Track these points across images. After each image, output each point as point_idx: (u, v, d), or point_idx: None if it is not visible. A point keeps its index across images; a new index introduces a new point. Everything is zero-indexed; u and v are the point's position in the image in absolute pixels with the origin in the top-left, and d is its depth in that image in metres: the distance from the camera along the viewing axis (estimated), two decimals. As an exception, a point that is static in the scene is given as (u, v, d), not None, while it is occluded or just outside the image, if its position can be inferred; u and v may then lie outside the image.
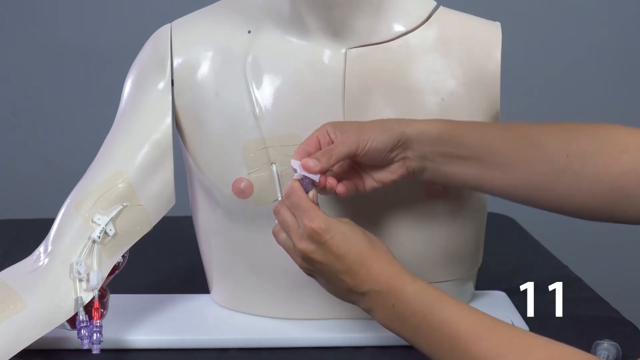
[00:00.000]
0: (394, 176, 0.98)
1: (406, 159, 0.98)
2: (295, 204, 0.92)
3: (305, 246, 0.91)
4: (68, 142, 2.37)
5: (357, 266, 0.90)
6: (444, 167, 0.98)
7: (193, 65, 1.06)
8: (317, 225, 0.90)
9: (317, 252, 0.90)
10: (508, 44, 1.09)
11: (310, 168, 0.93)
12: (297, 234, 0.91)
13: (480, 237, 1.13)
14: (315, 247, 0.90)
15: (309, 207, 0.91)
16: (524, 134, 0.97)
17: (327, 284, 0.93)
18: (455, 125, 0.98)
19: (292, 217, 0.92)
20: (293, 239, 0.92)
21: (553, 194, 0.95)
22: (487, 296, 1.17)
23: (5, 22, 2.34)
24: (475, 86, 1.05)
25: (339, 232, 0.90)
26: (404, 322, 0.89)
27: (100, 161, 1.05)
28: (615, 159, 0.93)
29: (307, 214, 0.91)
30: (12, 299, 0.98)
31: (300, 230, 0.91)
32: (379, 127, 0.96)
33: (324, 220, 0.90)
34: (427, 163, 0.98)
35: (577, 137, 0.95)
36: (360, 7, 1.02)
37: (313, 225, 0.90)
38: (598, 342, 1.02)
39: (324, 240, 0.90)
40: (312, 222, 0.90)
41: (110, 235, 1.02)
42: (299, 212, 0.91)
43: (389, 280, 0.89)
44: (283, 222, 0.93)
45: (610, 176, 0.93)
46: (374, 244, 0.92)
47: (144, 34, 1.12)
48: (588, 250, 2.27)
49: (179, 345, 1.05)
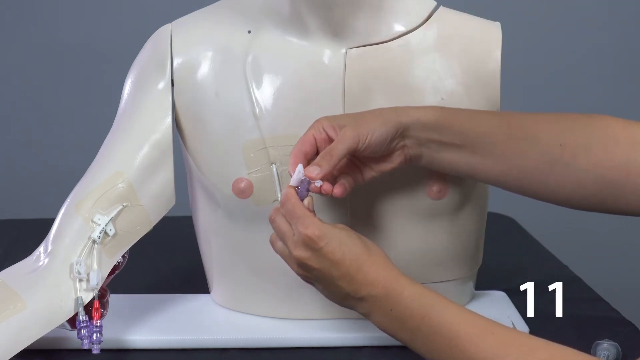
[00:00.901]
0: (392, 164, 0.98)
1: (405, 147, 0.98)
2: (290, 212, 0.92)
3: (300, 253, 0.90)
4: (68, 142, 2.37)
5: (354, 271, 0.90)
6: (438, 154, 0.98)
7: (193, 65, 1.06)
8: (312, 232, 0.90)
9: (312, 259, 0.90)
10: (508, 44, 1.09)
11: (314, 177, 0.93)
12: (293, 241, 0.91)
13: (480, 237, 1.13)
14: (311, 254, 0.90)
15: (304, 214, 0.91)
16: (518, 123, 0.97)
17: (324, 290, 0.93)
18: (450, 112, 0.98)
19: (287, 225, 0.92)
20: (289, 246, 0.92)
21: (545, 184, 0.96)
22: (487, 296, 1.17)
23: (5, 22, 2.34)
24: (475, 86, 1.05)
25: (334, 238, 0.90)
26: (402, 325, 0.89)
27: (100, 161, 1.05)
28: (607, 153, 0.93)
29: (301, 221, 0.90)
30: (12, 299, 0.98)
31: (295, 237, 0.91)
32: (377, 119, 0.96)
33: (318, 227, 0.90)
34: (423, 150, 0.98)
35: (571, 127, 0.96)
36: (360, 7, 1.02)
37: (308, 232, 0.90)
38: (598, 342, 1.02)
39: (319, 247, 0.90)
40: (307, 229, 0.90)
41: (110, 235, 1.02)
42: (294, 220, 0.91)
43: (386, 284, 0.89)
44: (278, 230, 0.93)
45: (601, 170, 0.93)
46: (370, 249, 0.91)
47: (144, 34, 1.12)
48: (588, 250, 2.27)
49: (179, 345, 1.05)
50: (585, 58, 2.32)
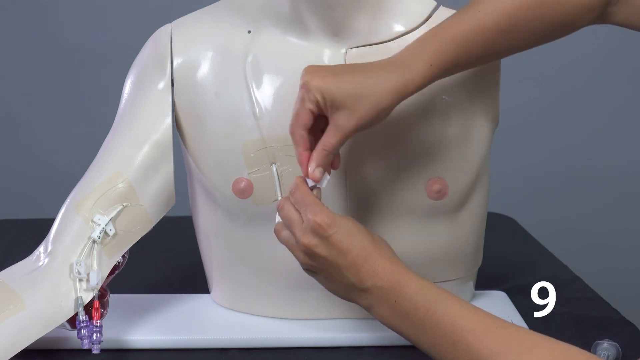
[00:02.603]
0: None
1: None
2: (300, 200, 0.92)
3: (309, 240, 0.90)
4: (68, 142, 2.38)
5: (361, 261, 0.90)
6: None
7: (193, 65, 1.06)
8: (322, 219, 0.90)
9: (320, 247, 0.90)
10: (508, 44, 1.09)
11: (319, 179, 0.93)
12: (301, 228, 0.91)
13: (480, 237, 1.13)
14: (319, 241, 0.90)
15: (313, 202, 0.91)
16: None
17: (327, 281, 0.93)
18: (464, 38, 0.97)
19: (296, 213, 0.92)
20: (296, 233, 0.92)
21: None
22: (487, 296, 1.17)
23: (6, 22, 2.34)
24: (475, 86, 1.05)
25: (342, 227, 0.90)
26: (405, 318, 0.89)
27: (100, 161, 1.05)
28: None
29: (311, 209, 0.91)
30: (12, 299, 0.98)
31: (304, 225, 0.91)
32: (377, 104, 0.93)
33: (328, 215, 0.90)
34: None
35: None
36: (360, 7, 1.02)
37: (317, 220, 0.90)
38: (598, 342, 1.02)
39: (327, 235, 0.90)
40: (317, 217, 0.90)
41: (110, 235, 1.02)
42: (303, 207, 0.91)
43: (392, 276, 0.89)
44: (287, 218, 0.93)
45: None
46: (377, 242, 0.92)
47: (144, 34, 1.12)
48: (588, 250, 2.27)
49: (179, 345, 1.05)
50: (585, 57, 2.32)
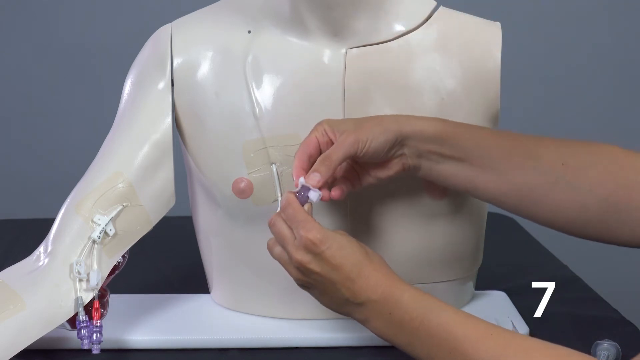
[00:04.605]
0: (390, 172, 0.99)
1: (403, 155, 0.98)
2: (291, 216, 0.92)
3: (301, 257, 0.90)
4: (68, 142, 2.38)
5: (354, 276, 0.90)
6: (437, 166, 0.98)
7: (193, 65, 1.06)
8: (314, 236, 0.90)
9: (313, 263, 0.90)
10: (508, 44, 1.09)
11: (315, 185, 0.93)
12: (293, 245, 0.91)
13: (480, 237, 1.13)
14: (312, 258, 0.90)
15: (305, 219, 0.91)
16: (521, 142, 0.97)
17: (321, 296, 0.93)
18: (452, 126, 0.98)
19: (288, 229, 0.92)
20: (289, 250, 0.92)
21: (545, 203, 0.95)
22: (487, 296, 1.17)
23: (5, 22, 2.34)
24: (475, 86, 1.05)
25: (335, 242, 0.90)
26: (400, 329, 0.89)
27: (100, 161, 1.05)
28: (611, 175, 0.92)
29: (302, 225, 0.90)
30: (12, 299, 0.98)
31: (296, 241, 0.91)
32: (378, 126, 0.96)
33: (319, 232, 0.90)
34: (422, 161, 0.98)
35: (574, 151, 0.95)
36: (360, 7, 1.02)
37: (309, 236, 0.90)
38: (598, 342, 1.01)
39: (320, 251, 0.90)
40: (309, 233, 0.90)
41: (110, 235, 1.02)
42: (295, 224, 0.91)
43: (386, 289, 0.89)
44: (278, 234, 0.93)
45: (605, 190, 0.92)
46: (370, 255, 0.92)
47: (144, 34, 1.11)
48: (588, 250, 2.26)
49: (179, 345, 1.05)
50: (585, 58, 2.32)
